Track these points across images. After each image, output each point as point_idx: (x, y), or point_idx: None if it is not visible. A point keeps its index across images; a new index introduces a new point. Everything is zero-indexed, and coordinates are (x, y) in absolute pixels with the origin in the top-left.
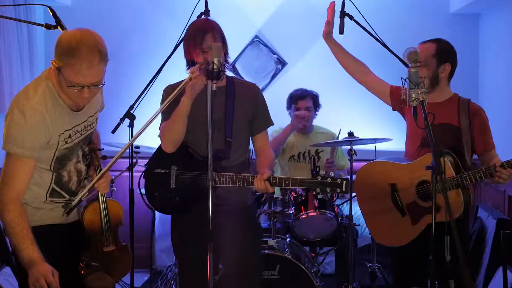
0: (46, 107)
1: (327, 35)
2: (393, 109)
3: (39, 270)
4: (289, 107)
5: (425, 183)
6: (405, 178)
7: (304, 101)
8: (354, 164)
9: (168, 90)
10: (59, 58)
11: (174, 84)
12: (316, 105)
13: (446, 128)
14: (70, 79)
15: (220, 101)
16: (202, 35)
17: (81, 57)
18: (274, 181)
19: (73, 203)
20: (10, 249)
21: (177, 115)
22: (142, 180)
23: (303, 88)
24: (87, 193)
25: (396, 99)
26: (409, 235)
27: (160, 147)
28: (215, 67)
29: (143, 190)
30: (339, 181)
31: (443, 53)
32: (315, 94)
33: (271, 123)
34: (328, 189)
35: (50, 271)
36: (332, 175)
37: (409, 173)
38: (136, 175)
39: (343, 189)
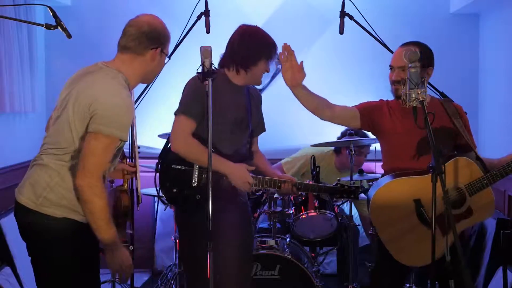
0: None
1: (296, 83)
2: (362, 128)
3: (125, 253)
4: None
5: (452, 191)
6: (429, 191)
7: (367, 149)
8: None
9: (191, 84)
10: (163, 41)
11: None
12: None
13: (442, 131)
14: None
15: (242, 100)
16: (275, 45)
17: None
18: (300, 187)
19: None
20: (10, 249)
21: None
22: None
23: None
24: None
25: (366, 117)
26: (440, 248)
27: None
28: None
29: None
30: (353, 188)
31: (427, 57)
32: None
33: (264, 129)
34: (345, 195)
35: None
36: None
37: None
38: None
39: (357, 196)
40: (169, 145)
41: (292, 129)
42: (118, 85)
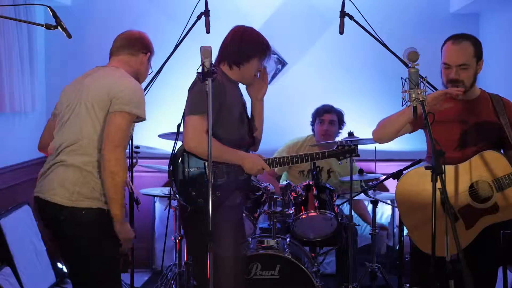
0: None
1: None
2: (415, 130)
3: (128, 226)
4: (313, 122)
5: (481, 184)
6: (456, 181)
7: (329, 115)
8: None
9: (199, 84)
10: (151, 50)
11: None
12: (341, 122)
13: (487, 125)
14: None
15: (240, 94)
16: (266, 54)
17: None
18: (307, 158)
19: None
20: (10, 249)
21: (223, 158)
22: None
23: (329, 104)
24: None
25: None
26: (463, 241)
27: (182, 146)
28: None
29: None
30: (352, 146)
31: (479, 51)
32: (340, 111)
33: None
34: (347, 155)
35: None
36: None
37: (461, 175)
38: (136, 175)
39: (357, 153)
40: (178, 149)
41: (292, 129)
42: (124, 73)
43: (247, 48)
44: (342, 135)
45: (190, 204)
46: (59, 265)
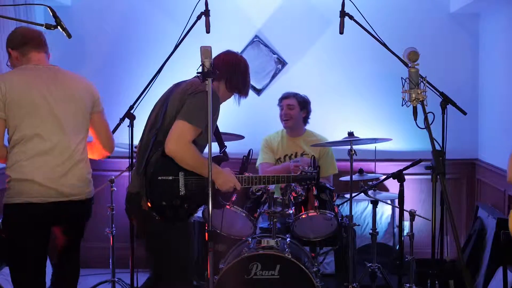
0: None
1: None
2: None
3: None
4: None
5: None
6: None
7: (286, 100)
8: (354, 163)
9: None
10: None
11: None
12: (303, 107)
13: None
14: None
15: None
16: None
17: None
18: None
19: None
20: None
21: (199, 169)
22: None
23: (290, 91)
24: None
25: None
26: None
27: (163, 153)
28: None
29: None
30: (313, 174)
31: None
32: (302, 96)
33: None
34: (305, 182)
35: None
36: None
37: None
38: None
39: (316, 180)
40: (153, 155)
41: None
42: None
43: (240, 79)
44: (342, 134)
45: (159, 214)
46: None
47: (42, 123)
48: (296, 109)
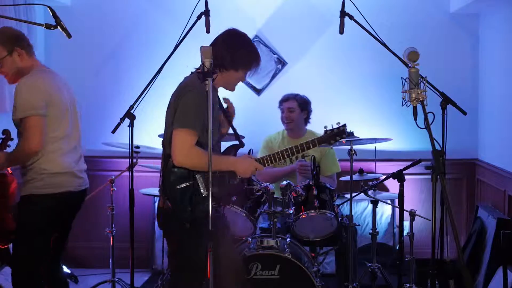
0: None
1: None
2: None
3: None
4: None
5: None
6: None
7: (287, 103)
8: (354, 163)
9: (201, 95)
10: None
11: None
12: (303, 108)
13: None
14: None
15: (216, 101)
16: (260, 62)
17: None
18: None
19: None
20: (10, 249)
21: (214, 167)
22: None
23: (290, 93)
24: None
25: None
26: None
27: (174, 165)
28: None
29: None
30: (340, 128)
31: None
32: (302, 97)
33: None
34: (334, 140)
35: None
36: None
37: None
38: (136, 175)
39: (347, 134)
40: (167, 167)
41: None
42: None
43: (233, 54)
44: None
45: (190, 222)
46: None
47: (69, 124)
48: (297, 111)
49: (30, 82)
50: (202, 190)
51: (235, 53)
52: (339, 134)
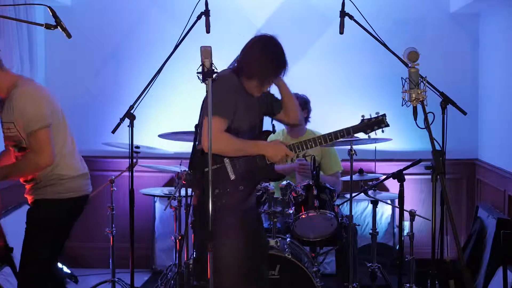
0: None
1: None
2: None
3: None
4: None
5: None
6: None
7: None
8: (354, 163)
9: (230, 83)
10: None
11: (231, 76)
12: (303, 107)
13: None
14: None
15: (253, 105)
16: (278, 71)
17: None
18: (330, 137)
19: None
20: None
21: (243, 152)
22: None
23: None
24: None
25: None
26: None
27: (203, 151)
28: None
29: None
30: (379, 118)
31: None
32: (301, 96)
33: None
34: (371, 129)
35: None
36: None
37: None
38: (136, 175)
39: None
40: (196, 153)
41: None
42: None
43: (249, 65)
44: None
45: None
46: (59, 264)
47: (67, 126)
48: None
49: (31, 94)
50: (230, 174)
51: (247, 61)
52: (377, 123)
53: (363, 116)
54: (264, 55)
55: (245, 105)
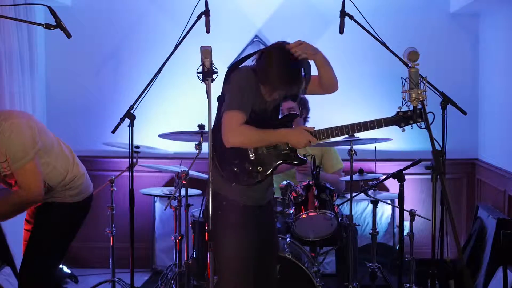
0: None
1: None
2: None
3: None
4: None
5: None
6: None
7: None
8: (354, 163)
9: (250, 76)
10: None
11: (250, 70)
12: (302, 107)
13: None
14: None
15: (269, 108)
16: (290, 89)
17: None
18: (359, 127)
19: None
20: (10, 249)
21: (265, 141)
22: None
23: None
24: None
25: None
26: None
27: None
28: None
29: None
30: (409, 113)
31: None
32: (301, 98)
33: None
34: (406, 123)
35: None
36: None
37: None
38: (136, 175)
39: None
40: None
41: None
42: None
43: (261, 72)
44: None
45: (233, 181)
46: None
47: (60, 141)
48: (296, 111)
49: (10, 128)
50: (250, 154)
51: (262, 66)
52: (412, 117)
53: (399, 107)
54: (281, 64)
55: (261, 100)
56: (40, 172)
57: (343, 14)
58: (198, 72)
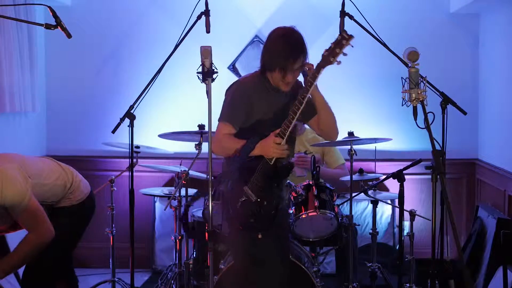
0: None
1: None
2: None
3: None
4: None
5: None
6: None
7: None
8: (354, 163)
9: (240, 89)
10: None
11: (245, 80)
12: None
13: None
14: None
15: (273, 102)
16: (296, 55)
17: None
18: None
19: None
20: (10, 249)
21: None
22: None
23: None
24: None
25: None
26: None
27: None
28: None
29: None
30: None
31: None
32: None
33: None
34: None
35: None
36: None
37: None
38: (136, 175)
39: None
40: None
41: None
42: None
43: (269, 58)
44: (342, 134)
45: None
46: None
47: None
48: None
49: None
50: (251, 198)
51: (265, 55)
52: (337, 44)
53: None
54: (279, 42)
55: (267, 103)
56: (42, 209)
57: (343, 14)
58: (198, 72)
